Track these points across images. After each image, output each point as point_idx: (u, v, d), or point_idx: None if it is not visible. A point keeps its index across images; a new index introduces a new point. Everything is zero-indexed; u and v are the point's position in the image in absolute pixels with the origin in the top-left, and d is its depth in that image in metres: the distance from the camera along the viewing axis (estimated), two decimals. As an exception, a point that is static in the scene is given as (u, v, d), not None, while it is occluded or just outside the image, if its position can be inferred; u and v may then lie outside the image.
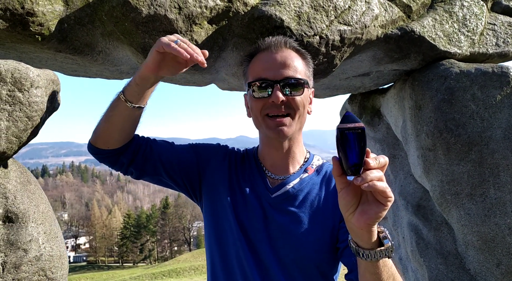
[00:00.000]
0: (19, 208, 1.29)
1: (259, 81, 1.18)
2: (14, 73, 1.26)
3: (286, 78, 1.16)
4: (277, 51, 1.20)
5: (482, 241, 2.18)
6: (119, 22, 1.68)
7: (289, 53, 1.21)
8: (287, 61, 1.18)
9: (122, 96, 1.19)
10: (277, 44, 1.21)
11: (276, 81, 1.16)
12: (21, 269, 1.26)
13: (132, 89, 1.19)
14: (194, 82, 2.38)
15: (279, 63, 1.18)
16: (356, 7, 2.01)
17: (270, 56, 1.20)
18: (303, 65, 1.24)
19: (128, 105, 1.19)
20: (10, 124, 1.24)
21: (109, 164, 1.31)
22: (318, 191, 1.23)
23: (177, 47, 1.08)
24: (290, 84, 1.17)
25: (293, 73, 1.18)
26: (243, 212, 1.23)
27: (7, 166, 1.35)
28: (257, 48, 1.26)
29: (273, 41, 1.22)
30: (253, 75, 1.22)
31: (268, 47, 1.22)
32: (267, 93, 1.16)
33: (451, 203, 2.26)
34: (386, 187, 0.81)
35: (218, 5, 1.78)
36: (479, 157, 2.17)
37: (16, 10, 1.46)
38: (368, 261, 0.91)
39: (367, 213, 0.84)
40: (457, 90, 2.21)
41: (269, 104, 1.17)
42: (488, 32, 2.42)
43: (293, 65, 1.19)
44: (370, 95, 3.16)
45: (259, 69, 1.20)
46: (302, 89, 1.19)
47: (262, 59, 1.22)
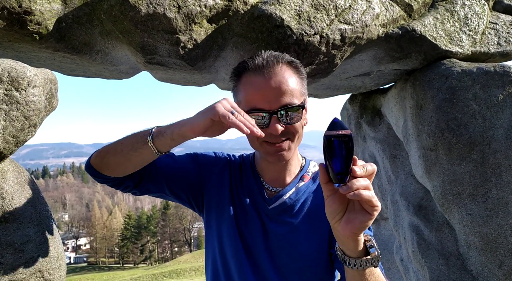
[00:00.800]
0: (16, 209, 1.28)
1: (255, 112, 1.11)
2: (11, 72, 1.24)
3: (283, 106, 1.10)
4: (270, 76, 1.11)
5: (484, 242, 2.16)
6: (117, 21, 1.67)
7: (282, 75, 1.12)
8: (282, 87, 1.10)
9: (152, 145, 1.10)
10: (269, 67, 1.12)
11: (273, 112, 1.10)
12: (18, 270, 1.25)
13: (166, 142, 1.10)
14: (193, 82, 2.36)
15: (274, 91, 1.10)
16: (356, 6, 2.00)
17: (263, 82, 1.11)
18: (298, 82, 1.16)
19: (154, 152, 1.11)
20: (7, 123, 1.23)
21: (113, 186, 1.27)
22: (315, 199, 1.23)
23: (236, 120, 0.98)
24: (288, 113, 1.11)
25: (290, 99, 1.11)
26: (244, 224, 1.23)
27: (4, 166, 1.33)
28: (246, 67, 1.16)
29: (264, 64, 1.12)
30: (246, 102, 1.14)
31: (259, 69, 1.12)
32: (265, 123, 1.10)
33: (452, 204, 2.24)
34: (372, 196, 0.80)
35: (217, 4, 1.77)
36: (481, 157, 2.16)
37: (13, 9, 1.45)
38: (354, 269, 0.91)
39: (353, 222, 0.83)
40: (458, 90, 2.19)
41: (267, 134, 1.12)
42: (489, 31, 2.40)
43: (289, 90, 1.11)
44: (371, 95, 3.14)
45: (252, 97, 1.12)
46: (300, 113, 1.14)
47: (255, 86, 1.12)
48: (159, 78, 2.30)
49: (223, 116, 0.98)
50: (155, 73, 2.16)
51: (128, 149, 1.13)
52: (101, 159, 1.19)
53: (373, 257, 0.91)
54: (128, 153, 1.14)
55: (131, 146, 1.13)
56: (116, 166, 1.17)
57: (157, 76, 2.24)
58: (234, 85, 1.22)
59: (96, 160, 1.19)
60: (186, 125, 1.05)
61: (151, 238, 51.65)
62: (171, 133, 1.07)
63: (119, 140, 1.17)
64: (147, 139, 1.09)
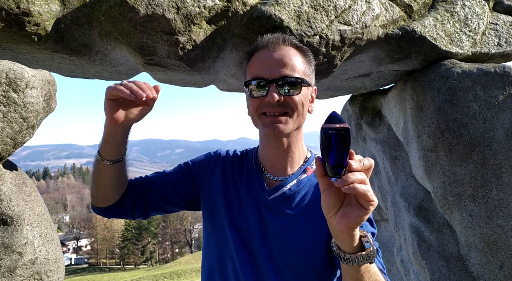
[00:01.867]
0: (14, 211, 1.27)
1: (255, 80, 1.15)
2: (9, 73, 1.24)
3: (283, 77, 1.13)
4: (274, 49, 1.17)
5: (484, 243, 2.15)
6: (116, 22, 1.66)
7: (287, 51, 1.17)
8: (284, 59, 1.15)
9: (99, 157, 1.20)
10: (275, 42, 1.17)
11: (272, 80, 1.13)
12: (16, 272, 1.24)
13: (105, 147, 1.19)
14: (193, 83, 2.36)
15: (276, 62, 1.15)
16: (356, 7, 1.99)
17: (268, 54, 1.17)
18: (303, 62, 1.19)
19: (106, 163, 1.20)
20: (5, 125, 1.22)
21: (117, 216, 1.34)
22: (316, 192, 1.20)
23: (123, 88, 1.06)
24: (287, 83, 1.14)
25: (290, 72, 1.14)
26: (239, 215, 1.21)
27: (2, 168, 1.33)
28: (256, 47, 1.22)
29: (271, 38, 1.18)
30: (250, 74, 1.19)
31: (265, 45, 1.18)
32: (264, 92, 1.14)
33: (453, 205, 2.23)
34: (368, 191, 0.79)
35: (217, 4, 1.76)
36: (482, 158, 2.15)
37: (11, 10, 1.44)
38: (349, 265, 0.90)
39: (349, 216, 0.83)
40: (459, 91, 2.18)
41: (265, 103, 1.15)
42: (490, 32, 2.39)
43: (291, 63, 1.15)
44: (371, 96, 3.13)
45: (256, 68, 1.17)
46: (300, 88, 1.15)
47: (259, 58, 1.18)
48: (159, 79, 2.30)
49: (112, 88, 1.07)
50: (155, 74, 2.16)
51: (93, 174, 1.25)
52: (92, 197, 1.30)
53: (368, 252, 0.90)
54: (95, 177, 1.24)
55: (94, 170, 1.24)
56: (99, 195, 1.28)
57: (156, 77, 2.24)
58: (245, 66, 1.27)
59: (92, 200, 1.31)
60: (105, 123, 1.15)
61: (152, 239, 51.64)
62: (103, 137, 1.17)
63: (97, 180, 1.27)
64: (97, 157, 1.21)
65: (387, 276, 1.09)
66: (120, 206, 1.30)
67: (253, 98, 1.17)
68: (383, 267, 1.10)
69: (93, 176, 1.25)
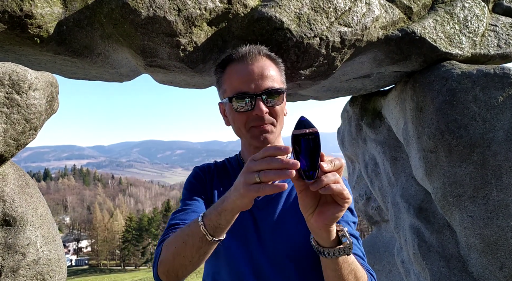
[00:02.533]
0: (17, 212, 1.28)
1: (240, 95, 1.18)
2: (12, 75, 1.25)
3: (266, 89, 1.18)
4: (252, 62, 1.21)
5: (485, 244, 2.16)
6: (118, 24, 1.67)
7: (264, 62, 1.22)
8: (264, 72, 1.20)
9: (210, 238, 1.00)
10: (252, 55, 1.22)
11: (258, 94, 1.17)
12: (19, 273, 1.25)
13: (225, 230, 1.02)
14: (194, 85, 2.37)
15: (257, 75, 1.19)
16: (356, 9, 2.00)
17: (247, 68, 1.20)
18: (277, 71, 1.26)
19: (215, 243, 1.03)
20: (8, 126, 1.23)
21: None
22: None
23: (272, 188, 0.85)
24: (271, 95, 1.19)
25: (272, 83, 1.19)
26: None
27: (5, 169, 1.34)
28: (230, 58, 1.25)
29: (247, 51, 1.22)
30: (231, 88, 1.21)
31: (242, 58, 1.22)
32: (250, 106, 1.18)
33: (453, 206, 2.24)
34: (343, 189, 0.84)
35: (217, 6, 1.77)
36: (481, 159, 2.16)
37: (14, 12, 1.46)
38: (328, 258, 0.96)
39: (325, 214, 0.88)
40: (458, 92, 2.19)
41: (253, 117, 1.19)
42: (489, 33, 2.40)
43: (270, 75, 1.20)
44: (371, 97, 3.14)
45: (237, 83, 1.20)
46: (282, 97, 1.22)
47: (239, 72, 1.21)
48: (160, 80, 2.31)
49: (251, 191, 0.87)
50: (156, 76, 2.17)
51: (196, 259, 1.04)
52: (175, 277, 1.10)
53: (345, 246, 0.95)
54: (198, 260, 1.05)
55: (198, 254, 1.03)
56: (192, 271, 1.10)
57: (157, 78, 2.25)
58: (219, 77, 1.29)
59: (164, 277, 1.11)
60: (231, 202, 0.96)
61: (152, 240, 51.60)
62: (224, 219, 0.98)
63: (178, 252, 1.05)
64: (208, 239, 1.00)
65: (366, 262, 1.16)
66: None
67: (240, 113, 1.20)
68: (363, 254, 1.17)
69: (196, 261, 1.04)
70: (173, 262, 1.07)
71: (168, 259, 1.08)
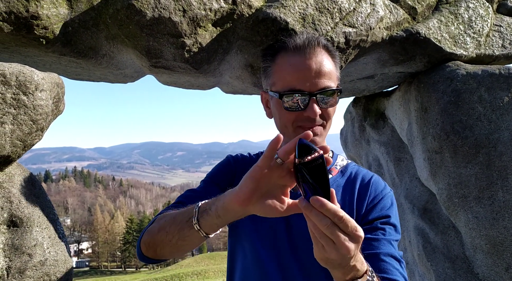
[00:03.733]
0: (24, 213, 1.28)
1: (292, 93, 1.05)
2: (19, 76, 1.25)
3: (323, 89, 1.05)
4: (310, 56, 1.06)
5: (490, 245, 2.15)
6: (123, 25, 1.67)
7: (322, 57, 1.08)
8: (322, 68, 1.06)
9: (197, 226, 0.95)
10: (311, 46, 1.07)
11: (313, 94, 1.04)
12: (26, 274, 1.25)
13: (212, 222, 0.93)
14: (198, 86, 2.37)
15: (314, 72, 1.05)
16: (361, 9, 2.00)
17: (304, 62, 1.06)
18: (334, 66, 1.11)
19: (202, 236, 0.97)
20: (15, 127, 1.23)
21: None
22: (343, 193, 1.15)
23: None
24: (326, 95, 1.06)
25: (328, 82, 1.06)
26: (263, 220, 1.12)
27: (12, 170, 1.33)
28: (283, 47, 1.11)
29: (306, 42, 1.08)
30: (283, 83, 1.07)
31: (299, 49, 1.08)
32: (302, 105, 1.05)
33: (458, 206, 2.23)
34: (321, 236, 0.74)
35: (222, 7, 1.77)
36: (487, 160, 2.15)
37: (20, 13, 1.46)
38: None
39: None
40: (463, 92, 2.19)
41: (304, 117, 1.07)
42: (494, 34, 2.40)
43: (328, 72, 1.07)
44: (375, 98, 3.14)
45: (291, 78, 1.06)
46: (336, 97, 1.09)
47: (294, 66, 1.07)
48: (164, 81, 2.31)
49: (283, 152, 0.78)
50: (160, 77, 2.17)
51: (176, 239, 1.00)
52: (153, 252, 1.08)
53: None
54: (176, 244, 1.01)
55: (178, 235, 0.99)
56: (170, 255, 1.07)
57: (161, 79, 2.25)
58: (267, 66, 1.15)
59: (149, 254, 1.10)
60: (226, 195, 0.88)
61: (153, 242, 51.54)
62: (215, 210, 0.90)
63: (164, 226, 1.02)
64: (193, 223, 0.94)
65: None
66: None
67: (289, 111, 1.08)
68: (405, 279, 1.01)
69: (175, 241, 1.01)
70: (157, 235, 1.03)
71: (154, 230, 1.04)
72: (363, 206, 1.12)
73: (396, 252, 1.04)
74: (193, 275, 23.79)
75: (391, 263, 1.00)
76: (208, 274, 23.76)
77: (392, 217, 1.10)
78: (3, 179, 1.28)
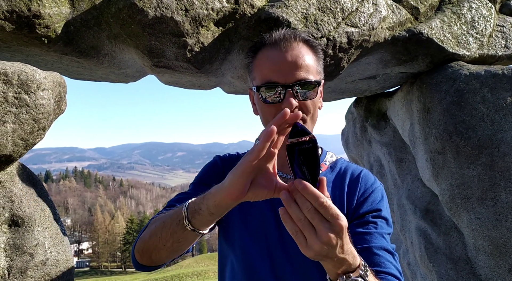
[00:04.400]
0: (25, 212, 1.27)
1: (268, 85, 1.05)
2: (21, 75, 1.24)
3: (298, 81, 1.04)
4: (286, 49, 1.07)
5: (493, 246, 2.14)
6: (125, 24, 1.67)
7: (299, 50, 1.08)
8: (298, 60, 1.06)
9: (190, 227, 0.91)
10: (287, 40, 1.08)
11: (288, 86, 1.04)
12: (27, 273, 1.24)
13: (205, 219, 0.90)
14: (199, 86, 2.36)
15: (290, 64, 1.05)
16: (363, 9, 1.99)
17: (279, 55, 1.06)
18: (314, 60, 1.11)
19: (196, 234, 0.93)
20: (17, 126, 1.23)
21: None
22: (333, 188, 1.15)
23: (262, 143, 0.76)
24: (303, 87, 1.05)
25: (305, 74, 1.06)
26: (254, 220, 1.13)
27: (13, 170, 1.33)
28: (261, 43, 1.11)
29: (282, 36, 1.08)
30: (260, 76, 1.08)
31: (276, 43, 1.08)
32: (279, 98, 1.05)
33: (461, 207, 2.22)
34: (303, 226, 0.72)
35: (224, 7, 1.77)
36: (490, 160, 2.14)
37: (22, 12, 1.45)
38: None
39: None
40: (466, 93, 2.18)
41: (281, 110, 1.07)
42: (497, 34, 2.39)
43: (305, 64, 1.06)
44: (376, 98, 3.13)
45: (267, 71, 1.06)
46: (316, 90, 1.08)
47: (270, 58, 1.08)
48: (165, 81, 2.30)
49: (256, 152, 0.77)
50: (161, 77, 2.16)
51: (170, 243, 0.97)
52: (148, 259, 1.04)
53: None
54: (172, 247, 0.97)
55: (172, 239, 0.96)
56: (167, 258, 1.04)
57: (163, 79, 2.24)
58: (250, 62, 1.16)
59: (144, 261, 1.06)
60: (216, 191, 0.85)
61: (154, 242, 51.56)
62: (206, 208, 0.88)
63: (155, 232, 0.99)
64: (185, 224, 0.90)
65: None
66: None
67: (268, 104, 1.08)
68: (400, 273, 1.00)
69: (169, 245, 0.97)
70: (149, 241, 1.00)
71: (145, 237, 1.01)
72: (354, 201, 1.12)
73: (389, 245, 1.04)
74: (193, 275, 23.76)
75: (384, 257, 1.00)
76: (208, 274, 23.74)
77: (383, 210, 1.10)
78: (4, 178, 1.27)
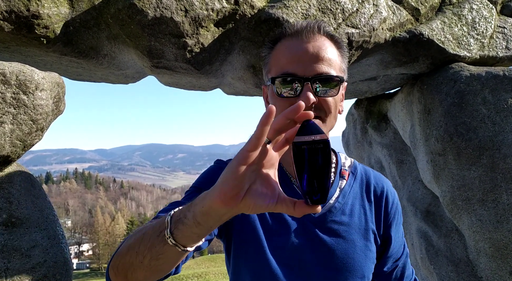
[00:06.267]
0: (23, 213, 1.26)
1: (285, 77, 0.93)
2: (19, 75, 1.23)
3: (319, 74, 0.92)
4: (308, 40, 0.95)
5: (494, 248, 2.13)
6: (125, 25, 1.66)
7: (323, 42, 0.96)
8: (320, 52, 0.93)
9: (171, 240, 0.72)
10: (310, 30, 0.95)
11: (307, 78, 0.91)
12: (24, 275, 1.23)
13: (190, 232, 0.71)
14: (199, 87, 2.36)
15: (311, 55, 0.93)
16: (364, 10, 1.99)
17: (300, 45, 0.94)
18: (338, 56, 0.99)
19: (178, 250, 0.74)
20: (15, 127, 1.22)
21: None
22: (361, 201, 1.05)
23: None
24: (324, 83, 0.93)
25: (327, 69, 0.93)
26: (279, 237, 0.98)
27: (11, 170, 1.32)
28: (283, 33, 0.99)
29: (305, 26, 0.96)
30: (277, 67, 0.96)
31: (297, 33, 0.96)
32: (295, 91, 0.92)
33: (462, 209, 2.21)
34: None
35: (224, 7, 1.76)
36: (491, 162, 2.13)
37: (21, 13, 1.44)
38: None
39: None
40: (467, 94, 2.17)
41: None
42: (497, 35, 2.38)
43: (327, 58, 0.94)
44: (377, 99, 3.12)
45: (285, 61, 0.94)
46: (338, 88, 0.95)
47: (289, 48, 0.96)
48: (165, 82, 2.30)
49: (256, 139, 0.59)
50: (161, 78, 2.15)
51: (147, 260, 0.78)
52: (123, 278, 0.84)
53: None
54: (149, 265, 0.78)
55: (150, 255, 0.77)
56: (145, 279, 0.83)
57: (163, 80, 2.24)
58: (266, 54, 1.04)
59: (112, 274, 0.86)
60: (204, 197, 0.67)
61: (154, 244, 51.51)
62: (193, 217, 0.69)
63: (133, 245, 0.81)
64: (165, 237, 0.72)
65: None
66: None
67: (282, 98, 0.95)
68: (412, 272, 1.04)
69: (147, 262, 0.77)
70: (125, 257, 0.81)
71: (122, 252, 0.82)
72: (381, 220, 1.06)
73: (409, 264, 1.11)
74: (193, 277, 23.70)
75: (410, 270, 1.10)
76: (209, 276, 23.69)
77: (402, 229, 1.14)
78: (2, 179, 1.26)
